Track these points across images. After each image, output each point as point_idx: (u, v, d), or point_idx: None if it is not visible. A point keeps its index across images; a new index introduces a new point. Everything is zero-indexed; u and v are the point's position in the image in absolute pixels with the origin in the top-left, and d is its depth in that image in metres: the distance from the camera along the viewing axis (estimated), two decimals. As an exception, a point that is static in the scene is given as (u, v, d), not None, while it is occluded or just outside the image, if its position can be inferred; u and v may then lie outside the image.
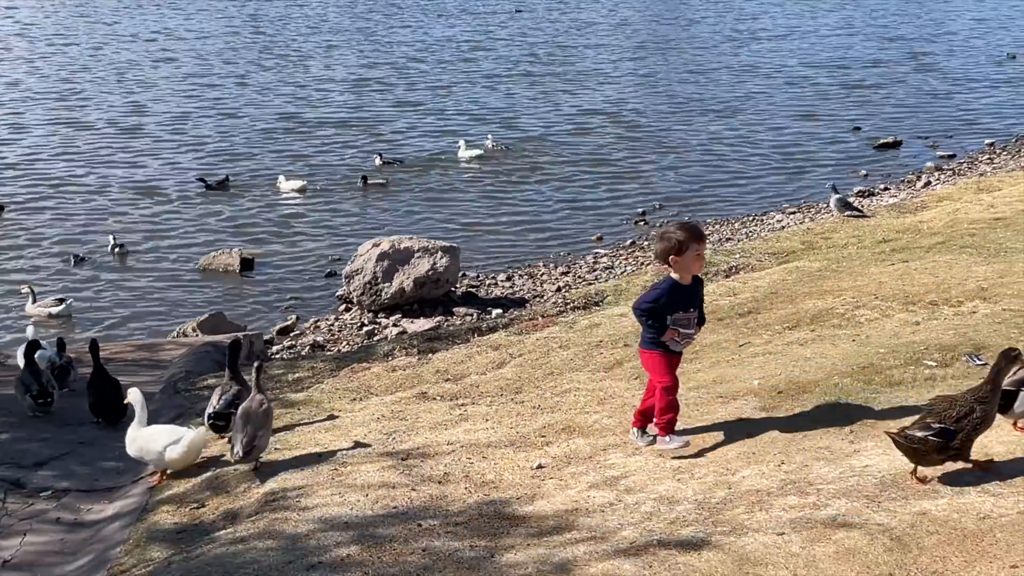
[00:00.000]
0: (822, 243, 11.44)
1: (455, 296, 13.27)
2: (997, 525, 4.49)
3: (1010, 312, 7.46)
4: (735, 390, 6.90)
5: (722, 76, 29.41)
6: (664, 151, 21.25)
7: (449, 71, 30.67)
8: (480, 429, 6.89)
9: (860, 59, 31.96)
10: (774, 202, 17.70)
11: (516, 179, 19.48)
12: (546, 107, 25.51)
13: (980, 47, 34.69)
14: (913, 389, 6.42)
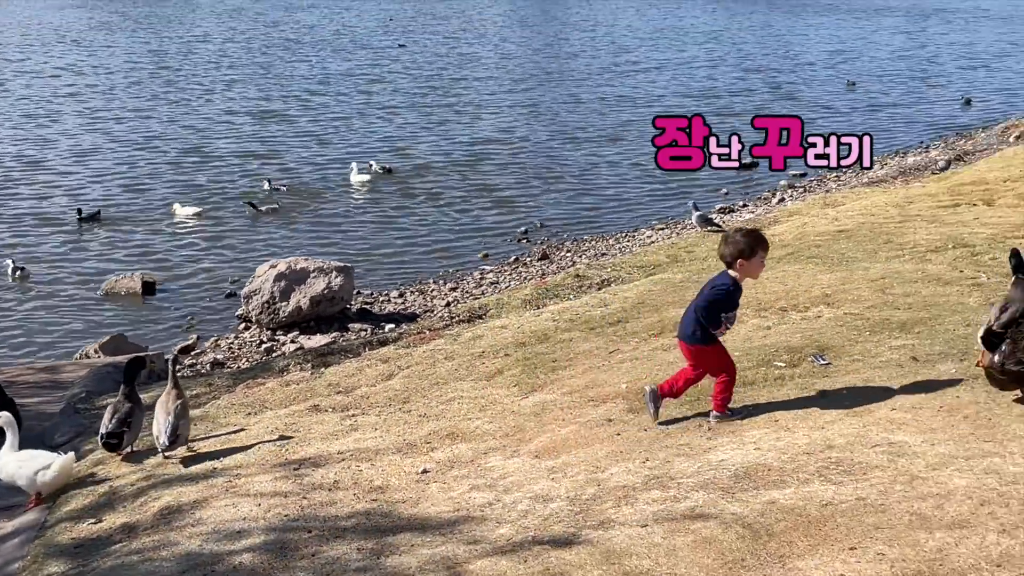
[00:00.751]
0: (685, 256, 11.60)
1: (350, 313, 13.18)
2: (838, 511, 4.59)
3: (850, 316, 7.65)
4: (605, 393, 6.96)
5: (601, 105, 29.75)
6: (547, 174, 21.39)
7: (346, 103, 30.50)
8: (369, 438, 6.85)
9: (725, 88, 32.61)
10: (645, 219, 17.92)
11: (408, 202, 19.44)
12: (437, 135, 25.51)
13: (830, 76, 35.65)
14: (764, 388, 6.55)
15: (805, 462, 5.18)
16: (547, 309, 9.95)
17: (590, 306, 9.61)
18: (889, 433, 5.41)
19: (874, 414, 5.74)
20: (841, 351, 7.01)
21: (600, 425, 6.37)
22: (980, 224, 10.30)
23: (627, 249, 14.80)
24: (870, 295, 8.13)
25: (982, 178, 13.22)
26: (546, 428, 6.53)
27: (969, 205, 11.43)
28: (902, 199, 12.78)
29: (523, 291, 11.40)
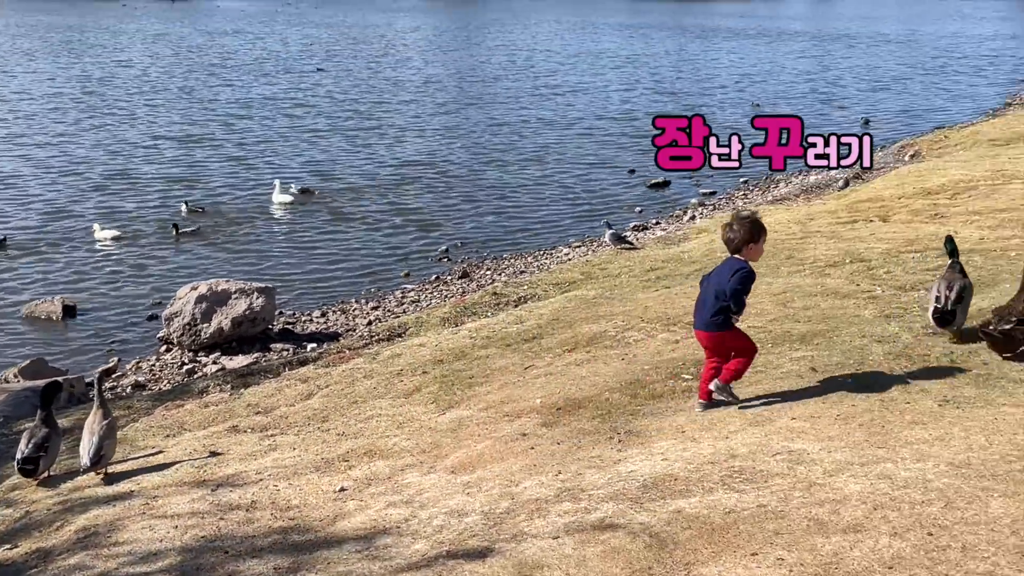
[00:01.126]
0: (599, 273, 11.67)
1: (272, 333, 13.02)
2: (740, 518, 4.64)
3: (754, 328, 7.75)
4: (520, 408, 6.97)
5: (522, 128, 29.86)
6: (469, 195, 21.40)
7: (270, 126, 30.23)
8: (287, 457, 6.78)
9: (640, 111, 32.97)
10: (563, 238, 17.99)
11: (331, 222, 19.30)
12: (361, 158, 25.38)
13: (740, 98, 36.22)
14: (672, 400, 6.62)
15: (710, 471, 5.24)
16: (465, 327, 9.94)
17: (507, 323, 9.63)
18: (789, 441, 5.50)
19: (775, 423, 5.82)
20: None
21: (515, 440, 6.38)
22: (876, 239, 10.53)
23: (545, 267, 14.85)
24: (772, 309, 8.26)
25: (879, 195, 13.52)
26: (462, 444, 6.53)
27: (866, 221, 11.67)
28: (804, 216, 13.02)
29: (442, 309, 11.39)
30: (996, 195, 12.27)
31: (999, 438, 5.16)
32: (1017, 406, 5.60)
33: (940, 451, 5.09)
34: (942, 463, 4.92)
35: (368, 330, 11.52)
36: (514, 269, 15.51)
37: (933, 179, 14.14)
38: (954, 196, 12.60)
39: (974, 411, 5.59)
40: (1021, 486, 4.57)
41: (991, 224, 10.58)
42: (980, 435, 5.22)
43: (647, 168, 23.64)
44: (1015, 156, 15.54)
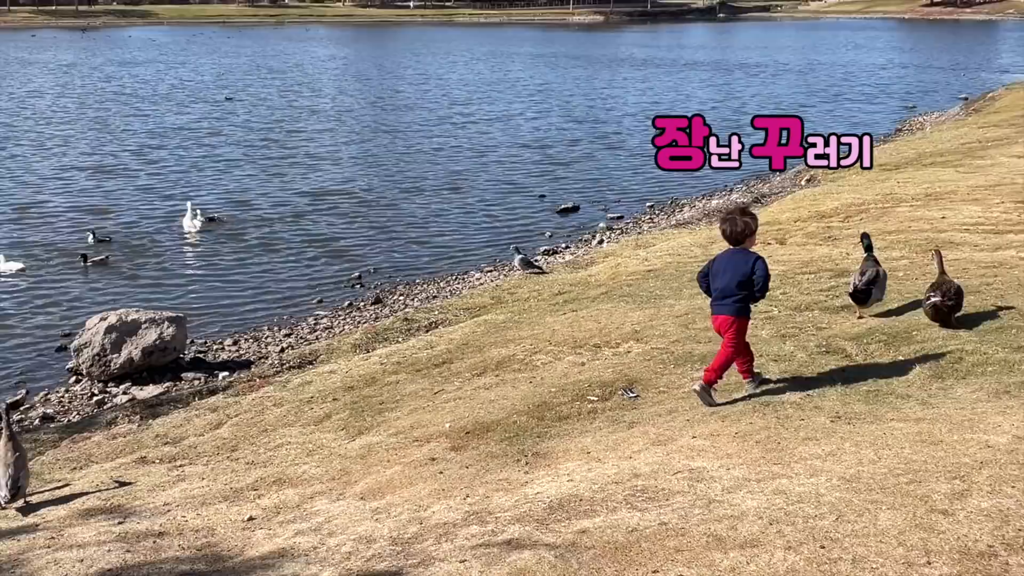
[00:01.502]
0: (508, 298, 11.68)
1: (183, 362, 12.76)
2: (643, 536, 4.66)
3: (657, 350, 7.84)
4: (429, 433, 6.93)
5: (435, 156, 29.86)
6: (383, 222, 21.28)
7: (183, 156, 29.80)
8: (196, 488, 6.64)
9: (551, 138, 33.23)
10: (475, 263, 17.97)
11: (245, 251, 19.03)
12: (275, 186, 25.11)
13: (646, 127, 36.69)
14: (578, 422, 6.64)
15: (614, 491, 5.26)
16: (376, 352, 9.87)
17: (417, 348, 9.58)
18: (690, 460, 5.55)
19: (677, 442, 5.88)
20: (648, 384, 7.17)
21: (424, 464, 6.34)
22: (773, 262, 10.63)
23: (456, 292, 14.82)
24: (675, 330, 8.35)
25: (776, 219, 13.78)
26: (372, 470, 6.46)
27: (764, 244, 11.85)
28: (705, 239, 13.20)
29: (354, 336, 11.29)
30: (885, 217, 12.58)
31: (887, 452, 5.26)
32: (904, 420, 5.73)
33: (832, 466, 5.17)
34: (834, 477, 5.01)
35: (280, 358, 11.36)
36: (426, 294, 15.45)
37: (827, 203, 14.46)
38: (846, 219, 12.88)
39: (864, 427, 5.70)
40: (907, 498, 4.67)
41: (880, 246, 10.81)
42: (869, 450, 5.32)
43: (556, 194, 23.84)
44: (903, 180, 15.96)
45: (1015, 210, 12.19)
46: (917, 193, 14.28)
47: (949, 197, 13.62)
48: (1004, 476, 4.82)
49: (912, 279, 9.22)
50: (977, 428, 5.50)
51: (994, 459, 5.04)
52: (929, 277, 9.01)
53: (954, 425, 5.58)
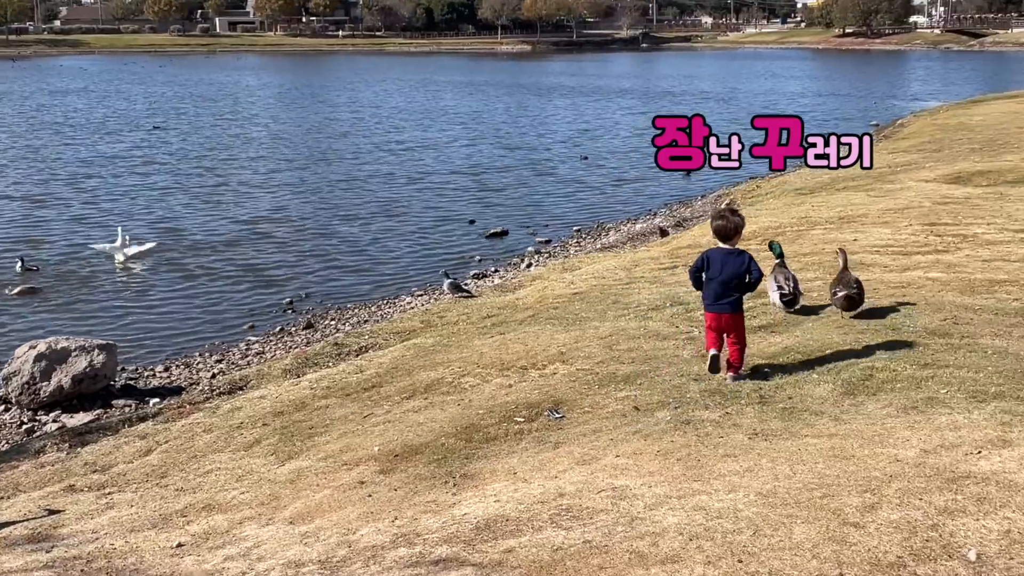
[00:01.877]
0: (438, 321, 11.65)
1: (114, 389, 12.50)
2: (567, 555, 4.66)
3: (582, 371, 7.87)
4: (359, 457, 6.87)
5: (369, 183, 29.80)
6: (316, 248, 21.16)
7: (116, 184, 29.40)
8: (125, 515, 6.51)
9: (482, 164, 33.37)
10: (405, 287, 17.92)
11: (177, 277, 18.77)
12: (209, 214, 24.85)
13: (573, 152, 37.01)
14: (505, 443, 6.63)
15: (539, 511, 5.26)
16: (306, 377, 9.78)
17: (347, 373, 9.51)
18: (613, 478, 5.57)
19: (601, 461, 5.89)
20: (574, 404, 7.19)
21: (353, 488, 6.28)
22: (695, 283, 10.83)
23: (387, 316, 14.76)
24: (599, 351, 8.39)
25: (697, 242, 13.93)
26: (301, 494, 6.39)
27: (685, 266, 11.98)
28: (629, 262, 13.31)
29: (284, 361, 11.17)
30: (800, 240, 12.80)
31: (802, 467, 5.34)
32: (818, 436, 5.82)
33: (750, 482, 5.23)
34: (751, 493, 5.06)
35: (211, 383, 11.20)
36: (357, 319, 15.36)
37: (745, 226, 14.66)
38: (763, 242, 13.04)
39: (780, 443, 5.78)
40: (821, 512, 4.73)
41: (796, 267, 10.98)
42: (785, 465, 5.39)
43: (486, 219, 23.92)
44: (817, 204, 16.26)
45: (923, 232, 12.48)
46: (831, 216, 14.56)
47: (861, 220, 13.90)
48: (912, 489, 4.92)
49: (825, 299, 9.38)
50: (887, 443, 5.60)
51: (903, 472, 5.13)
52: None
53: (865, 440, 5.67)
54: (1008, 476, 4.97)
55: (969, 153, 22.35)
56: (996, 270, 10.23)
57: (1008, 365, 6.84)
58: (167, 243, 21.28)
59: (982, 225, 12.72)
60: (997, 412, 5.91)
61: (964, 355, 7.15)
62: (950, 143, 25.43)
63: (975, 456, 5.28)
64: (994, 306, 8.64)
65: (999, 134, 26.30)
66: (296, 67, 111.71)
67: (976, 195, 15.64)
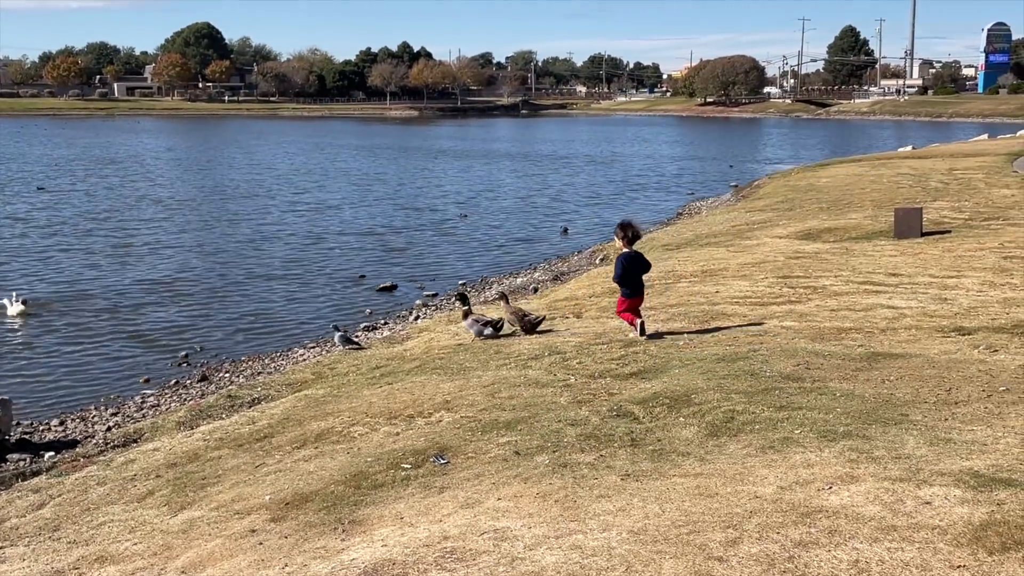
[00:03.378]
0: (329, 373, 11.47)
1: (9, 444, 11.93)
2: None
3: (466, 419, 7.82)
4: (250, 506, 6.68)
5: (266, 241, 29.41)
6: (213, 303, 20.71)
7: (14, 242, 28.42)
8: (16, 569, 6.18)
9: (374, 222, 33.37)
10: (298, 340, 17.63)
11: (71, 333, 18.10)
12: (104, 272, 24.15)
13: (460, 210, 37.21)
14: (393, 489, 6.52)
15: (424, 554, 5.17)
16: (200, 429, 9.49)
17: (240, 424, 9.26)
18: (495, 520, 5.52)
19: (484, 504, 5.85)
20: (458, 450, 7.13)
21: (244, 536, 6.09)
22: (571, 334, 10.93)
23: (280, 368, 14.47)
24: (482, 399, 8.36)
25: (573, 295, 14.10)
26: (193, 544, 6.17)
27: (563, 318, 12.11)
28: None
29: (178, 413, 10.83)
30: (668, 292, 13.05)
31: (670, 506, 5.39)
32: (685, 476, 5.89)
33: (622, 520, 5.25)
34: (624, 531, 5.08)
35: (105, 436, 10.78)
36: (251, 371, 15.02)
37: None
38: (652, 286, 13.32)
39: (650, 483, 5.83)
40: (688, 547, 4.78)
41: (664, 317, 11.22)
42: (655, 504, 5.44)
43: (377, 274, 23.79)
44: (683, 259, 16.64)
45: (777, 284, 12.86)
46: (695, 270, 14.90)
47: (722, 273, 14.26)
48: (770, 523, 5.01)
49: (692, 347, 9.57)
50: (747, 480, 5.70)
51: (762, 508, 5.22)
52: (704, 346, 9.39)
53: (727, 479, 5.76)
54: (856, 509, 5.10)
55: (818, 212, 23.20)
56: (843, 319, 10.59)
57: (855, 406, 7.06)
58: (62, 300, 20.57)
59: (830, 277, 13.18)
60: (846, 450, 6.08)
61: (815, 398, 7.35)
62: (801, 202, 26.36)
63: (826, 491, 5.41)
64: (841, 352, 8.93)
65: (844, 194, 27.39)
66: (193, 130, 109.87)
67: (825, 250, 16.21)
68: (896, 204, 21.58)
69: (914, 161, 37.74)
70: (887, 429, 6.50)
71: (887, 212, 20.85)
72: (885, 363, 8.45)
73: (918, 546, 4.64)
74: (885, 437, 6.32)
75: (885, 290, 12.28)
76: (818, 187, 30.87)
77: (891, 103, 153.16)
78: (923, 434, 6.36)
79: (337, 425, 8.40)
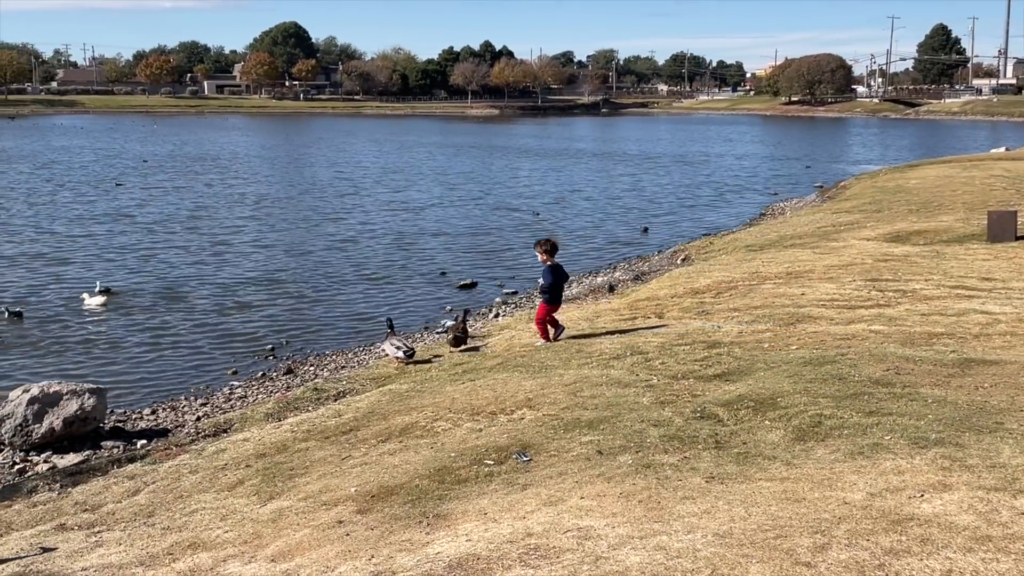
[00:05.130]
0: (411, 368, 11.59)
1: (103, 431, 12.30)
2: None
3: (548, 416, 7.84)
4: (337, 497, 6.80)
5: (349, 237, 29.84)
6: (297, 297, 21.06)
7: (105, 236, 29.29)
8: (113, 553, 6.38)
9: (454, 219, 33.52)
10: (380, 334, 17.80)
11: (163, 324, 18.55)
12: (196, 266, 24.76)
13: (542, 208, 37.19)
14: (476, 484, 6.58)
15: (509, 550, 5.21)
16: (287, 421, 9.68)
17: (326, 417, 9.42)
18: (579, 519, 5.54)
19: (567, 503, 5.86)
20: (540, 448, 7.16)
21: (331, 527, 6.20)
22: (653, 334, 10.87)
23: (363, 363, 14.67)
24: (564, 398, 8.38)
25: (654, 295, 14.01)
26: (282, 533, 6.30)
27: (644, 317, 12.06)
28: (591, 314, 13.34)
29: (266, 405, 11.06)
30: (752, 294, 12.89)
31: (756, 510, 5.34)
32: (771, 480, 5.83)
33: (707, 523, 5.22)
34: (709, 533, 5.05)
35: (196, 426, 11.06)
36: (335, 365, 15.25)
37: (700, 280, 14.77)
38: (717, 295, 13.17)
39: (736, 486, 5.78)
40: (775, 552, 4.73)
41: (748, 319, 11.09)
42: (740, 507, 5.39)
43: (457, 271, 23.94)
44: (767, 260, 16.41)
45: (865, 287, 12.62)
46: (779, 272, 14.69)
47: (807, 275, 14.04)
48: (860, 530, 4.93)
49: (776, 349, 9.44)
50: (835, 486, 5.62)
51: (851, 515, 5.14)
52: (790, 348, 9.29)
53: (815, 484, 5.69)
54: (949, 518, 5.00)
55: (907, 214, 22.68)
56: (934, 324, 10.35)
57: (947, 413, 6.90)
58: (155, 292, 21.11)
59: (920, 281, 12.88)
60: (938, 458, 5.95)
61: (906, 403, 7.21)
62: (889, 204, 25.80)
63: (918, 499, 5.30)
64: (933, 357, 8.73)
65: (934, 196, 26.72)
66: (281, 127, 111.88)
67: (914, 253, 15.85)
68: (989, 207, 20.98)
69: (1008, 163, 36.63)
70: (981, 437, 6.34)
71: (979, 215, 20.30)
72: (979, 369, 8.24)
73: (1014, 557, 4.52)
74: (979, 445, 6.17)
75: (978, 295, 11.96)
76: (907, 188, 30.17)
77: (983, 103, 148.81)
78: (1019, 443, 6.19)
79: (421, 420, 8.49)
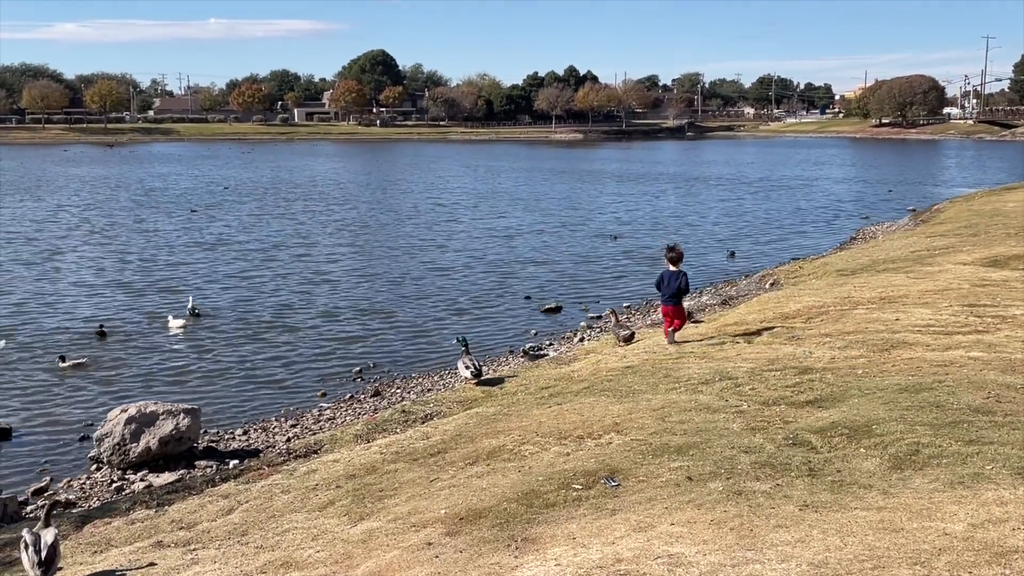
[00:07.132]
0: (498, 391, 11.62)
1: (197, 451, 12.62)
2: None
3: (636, 441, 7.79)
4: (425, 519, 6.84)
5: (434, 261, 30.17)
6: (383, 321, 21.35)
7: (203, 262, 30.07)
8: (208, 571, 6.52)
9: (538, 243, 33.73)
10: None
11: (254, 348, 18.95)
12: (284, 290, 25.27)
13: (622, 232, 37.09)
14: (564, 509, 6.56)
15: (598, 575, 5.18)
16: (376, 443, 9.79)
17: (414, 439, 9.50)
18: (669, 545, 5.48)
19: (656, 529, 5.81)
20: (629, 473, 7.11)
21: (421, 549, 6.24)
22: (742, 359, 10.72)
23: (450, 385, 14.76)
24: (652, 423, 8.31)
25: (743, 319, 13.82)
26: (372, 554, 6.36)
27: (733, 342, 11.90)
28: (679, 337, 13.21)
29: (355, 426, 11.19)
30: (844, 319, 12.63)
31: (852, 539, 5.22)
32: (867, 509, 5.69)
33: (801, 552, 5.12)
34: (803, 563, 4.96)
35: (287, 447, 11.25)
36: (422, 388, 15.38)
37: (790, 305, 14.53)
38: (808, 320, 12.94)
39: (830, 515, 5.66)
40: (872, 583, 4.62)
41: (840, 345, 10.87)
42: (836, 537, 5.28)
43: (540, 295, 23.98)
44: (859, 284, 16.07)
45: (962, 313, 12.27)
46: (872, 296, 14.37)
47: (902, 300, 13.71)
48: (961, 562, 4.78)
49: (871, 376, 9.24)
50: (935, 516, 5.46)
51: (952, 546, 5.00)
52: (885, 375, 9.08)
53: (913, 513, 5.54)
54: (1055, 552, 4.82)
55: (1005, 238, 22.01)
56: (1035, 350, 10.00)
57: (1051, 443, 6.66)
58: (246, 315, 21.59)
59: (1021, 307, 12.48)
60: (1042, 488, 5.75)
61: (1008, 432, 6.98)
62: (986, 228, 25.08)
63: (1022, 531, 5.13)
64: (1035, 385, 8.44)
65: (1033, 220, 25.89)
66: (370, 153, 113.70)
67: (1014, 278, 15.36)
68: (1093, 230, 20.20)
69: (1112, 184, 35.27)
70: (1089, 469, 6.10)
71: (1082, 238, 19.58)
72: (1085, 398, 7.93)
73: None
74: (1087, 477, 5.95)
75: (1082, 321, 11.52)
76: (1004, 212, 29.29)
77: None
78: None
79: (508, 443, 8.51)
